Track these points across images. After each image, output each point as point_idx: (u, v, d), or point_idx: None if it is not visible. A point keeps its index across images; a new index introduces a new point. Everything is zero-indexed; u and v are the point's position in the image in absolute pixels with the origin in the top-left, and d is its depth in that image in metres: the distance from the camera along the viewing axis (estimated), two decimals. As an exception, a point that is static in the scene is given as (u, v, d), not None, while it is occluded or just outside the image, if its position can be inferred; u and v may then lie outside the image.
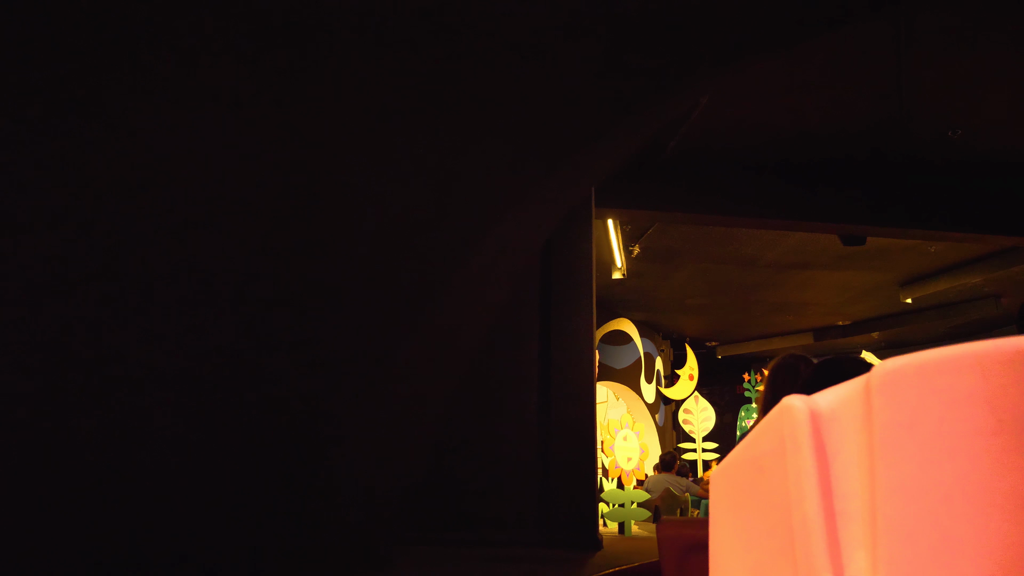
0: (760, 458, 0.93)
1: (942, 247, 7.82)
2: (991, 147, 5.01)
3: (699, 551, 1.79)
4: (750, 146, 5.09)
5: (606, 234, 7.42)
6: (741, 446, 1.02)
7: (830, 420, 0.82)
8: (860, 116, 4.73)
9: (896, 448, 0.75)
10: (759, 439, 0.95)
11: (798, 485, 0.81)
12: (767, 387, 2.56)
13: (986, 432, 0.71)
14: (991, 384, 0.72)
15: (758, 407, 3.07)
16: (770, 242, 7.75)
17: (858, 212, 5.40)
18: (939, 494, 0.73)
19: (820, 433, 0.82)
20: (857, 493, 0.79)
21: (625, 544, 3.84)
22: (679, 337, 12.94)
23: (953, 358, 0.76)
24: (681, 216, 5.45)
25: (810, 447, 0.82)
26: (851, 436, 0.80)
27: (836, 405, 0.83)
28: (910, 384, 0.77)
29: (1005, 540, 0.68)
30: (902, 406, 0.77)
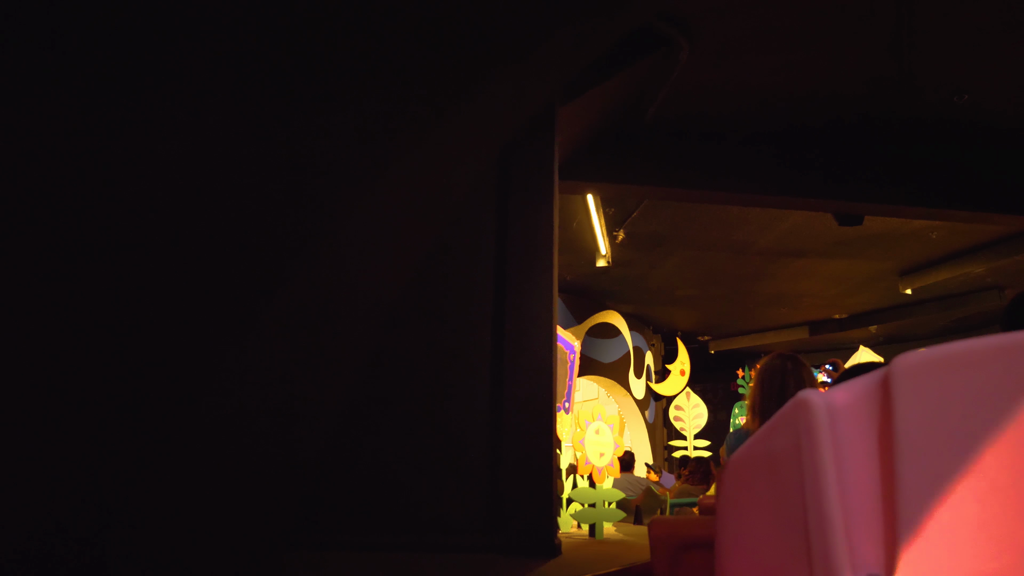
0: (774, 454, 0.92)
1: (944, 233, 7.41)
2: (1002, 114, 4.58)
3: (692, 550, 1.80)
4: (735, 113, 4.67)
5: (588, 219, 7.00)
6: (751, 442, 1.01)
7: (847, 415, 0.82)
8: (855, 79, 4.30)
9: (918, 443, 0.76)
10: (772, 434, 0.94)
11: (815, 481, 0.81)
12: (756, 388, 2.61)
13: (1011, 426, 0.72)
14: (1016, 376, 0.73)
15: (748, 405, 2.81)
16: (762, 227, 7.33)
17: (854, 188, 4.97)
18: (963, 489, 0.73)
19: (837, 428, 0.82)
20: (876, 489, 0.79)
21: (591, 549, 3.41)
22: (670, 331, 12.52)
23: (977, 350, 0.77)
24: (662, 191, 5.02)
25: (828, 442, 0.81)
26: (869, 431, 0.81)
27: (853, 399, 0.83)
28: (933, 377, 0.77)
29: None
30: (924, 400, 0.77)
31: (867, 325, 10.95)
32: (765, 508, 0.94)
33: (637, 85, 4.28)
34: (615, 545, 3.76)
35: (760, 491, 0.97)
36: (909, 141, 4.87)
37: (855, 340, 11.76)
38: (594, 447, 4.22)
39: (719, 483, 1.10)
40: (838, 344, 12.49)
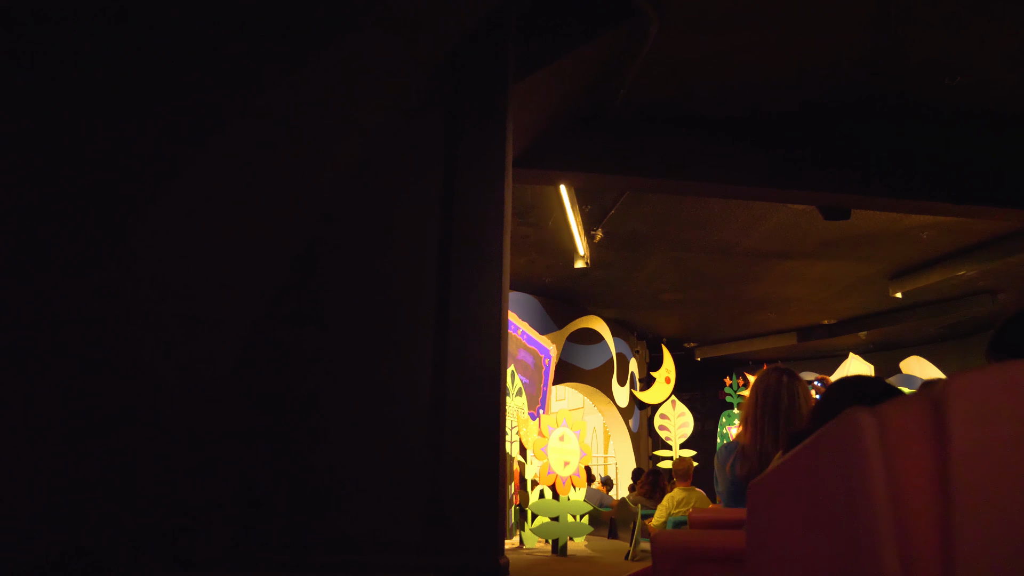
0: (818, 471, 0.91)
1: (935, 233, 7.12)
2: (999, 98, 4.28)
3: (696, 563, 1.74)
4: (712, 97, 4.35)
5: (564, 216, 6.68)
6: (791, 457, 0.98)
7: (897, 434, 0.81)
8: (839, 59, 3.99)
9: (975, 462, 0.75)
10: (817, 451, 0.93)
11: (866, 501, 0.80)
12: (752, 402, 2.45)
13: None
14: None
15: (741, 417, 2.66)
16: (746, 226, 7.03)
17: (840, 178, 4.65)
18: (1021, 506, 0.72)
19: (887, 447, 0.81)
20: (929, 507, 0.78)
21: (546, 569, 3.05)
22: (655, 337, 12.20)
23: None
24: (635, 181, 4.69)
25: (879, 462, 0.80)
26: (921, 451, 0.80)
27: (900, 418, 0.82)
28: (988, 399, 0.78)
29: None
30: (980, 421, 0.77)
31: (857, 331, 10.65)
32: (806, 525, 0.92)
33: (604, 63, 3.96)
34: (577, 563, 3.41)
35: (801, 508, 0.95)
36: (898, 127, 4.56)
37: (844, 347, 11.45)
38: (558, 455, 3.88)
39: (749, 495, 1.06)
40: (827, 351, 12.18)
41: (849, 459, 0.82)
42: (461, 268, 3.01)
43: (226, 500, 2.44)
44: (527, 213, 6.77)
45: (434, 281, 2.98)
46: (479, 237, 3.07)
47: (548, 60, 3.45)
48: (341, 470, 2.71)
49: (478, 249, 3.06)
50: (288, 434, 2.65)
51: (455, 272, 2.99)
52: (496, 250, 3.06)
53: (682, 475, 6.52)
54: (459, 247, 3.02)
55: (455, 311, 2.95)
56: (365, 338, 2.87)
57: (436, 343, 2.92)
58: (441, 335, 2.93)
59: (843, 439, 0.84)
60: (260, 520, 2.52)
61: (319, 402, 2.72)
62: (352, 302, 2.81)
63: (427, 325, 2.95)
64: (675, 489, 6.37)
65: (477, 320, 2.97)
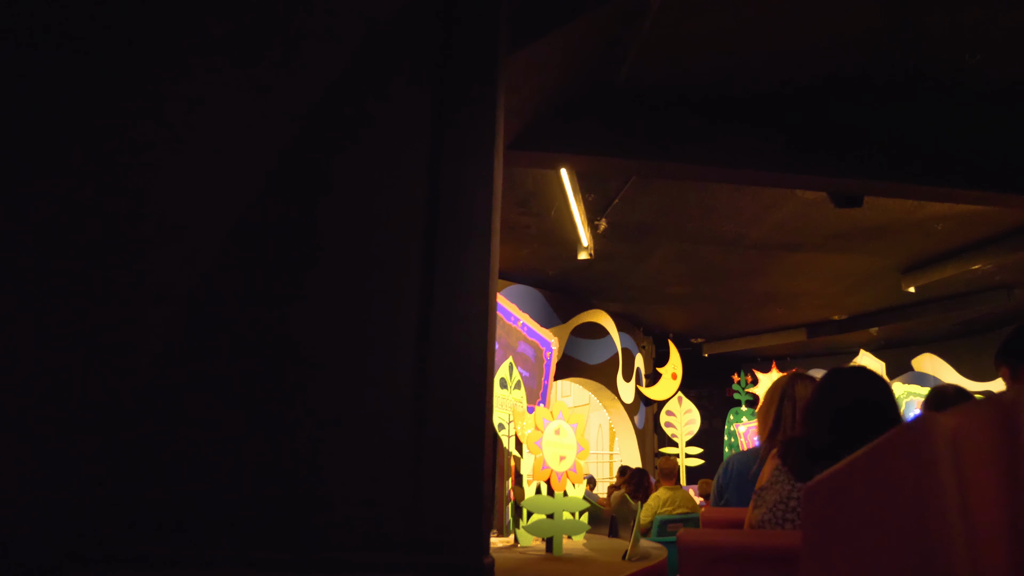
0: (886, 475, 0.91)
1: (951, 225, 6.89)
2: (1022, 78, 4.06)
3: (724, 562, 1.73)
4: (718, 75, 4.15)
5: (567, 205, 6.49)
6: (854, 461, 0.98)
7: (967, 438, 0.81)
8: (852, 33, 3.78)
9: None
10: (884, 455, 0.93)
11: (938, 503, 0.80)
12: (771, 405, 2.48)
13: None
14: None
15: (759, 420, 2.64)
16: (754, 217, 6.82)
17: (852, 163, 4.44)
18: None
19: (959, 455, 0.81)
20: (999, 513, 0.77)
21: (533, 569, 2.87)
22: (661, 333, 12.00)
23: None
24: (637, 164, 4.50)
25: (951, 469, 0.80)
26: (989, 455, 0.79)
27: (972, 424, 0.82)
28: None
29: None
30: None
31: (868, 327, 10.41)
32: (871, 528, 0.93)
33: (603, 39, 3.77)
34: (570, 563, 3.22)
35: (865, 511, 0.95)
36: (915, 109, 4.34)
37: (855, 344, 11.23)
38: (553, 450, 3.69)
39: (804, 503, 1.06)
40: (837, 347, 11.95)
41: (921, 463, 0.82)
42: (447, 248, 2.83)
43: (191, 494, 2.27)
44: (528, 202, 6.59)
45: (418, 261, 2.80)
46: (467, 216, 2.88)
47: (543, 32, 3.27)
48: (315, 462, 2.54)
49: (465, 228, 2.88)
50: (259, 423, 2.48)
51: (440, 252, 2.81)
52: (484, 229, 2.87)
53: (667, 474, 6.59)
54: (445, 225, 2.84)
55: (440, 294, 2.77)
56: (343, 323, 2.69)
57: (419, 330, 2.75)
58: (424, 321, 2.75)
59: (915, 443, 0.84)
60: (226, 515, 2.35)
61: (293, 390, 2.55)
62: (330, 285, 2.63)
63: (410, 310, 2.77)
64: (660, 488, 6.42)
65: (463, 305, 2.79)
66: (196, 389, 2.42)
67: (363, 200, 2.85)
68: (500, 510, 5.18)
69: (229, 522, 2.42)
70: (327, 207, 2.82)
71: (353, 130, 2.86)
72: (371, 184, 2.87)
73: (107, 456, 2.36)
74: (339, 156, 2.81)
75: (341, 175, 2.75)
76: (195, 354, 2.35)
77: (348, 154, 2.83)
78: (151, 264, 2.18)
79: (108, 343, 2.23)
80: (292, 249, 2.56)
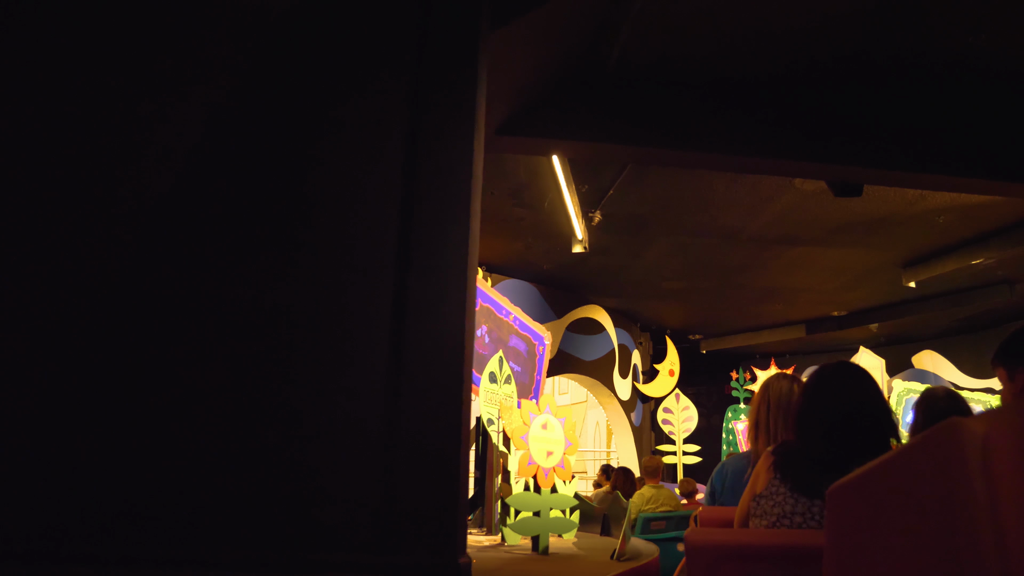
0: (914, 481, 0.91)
1: (952, 217, 6.75)
2: (1023, 58, 3.92)
3: (731, 561, 1.72)
4: (712, 58, 4.00)
5: (560, 197, 6.35)
6: (881, 464, 1.00)
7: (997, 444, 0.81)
8: (848, 11, 3.64)
9: None
10: (912, 461, 0.93)
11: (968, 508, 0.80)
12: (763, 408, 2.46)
13: None
14: None
15: (750, 422, 2.60)
16: (751, 209, 6.68)
17: (850, 149, 4.30)
18: None
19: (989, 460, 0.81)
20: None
21: (515, 570, 2.73)
22: (659, 329, 11.86)
23: None
24: (632, 151, 4.36)
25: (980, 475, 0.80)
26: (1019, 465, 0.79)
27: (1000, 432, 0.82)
28: None
29: None
30: None
31: (867, 323, 10.27)
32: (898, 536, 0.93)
33: (593, 17, 3.62)
34: (555, 562, 3.08)
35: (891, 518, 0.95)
36: (916, 92, 4.20)
37: (855, 341, 11.09)
38: (540, 445, 3.55)
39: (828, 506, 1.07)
40: (837, 344, 11.82)
41: (950, 469, 0.83)
42: (423, 230, 2.68)
43: (155, 493, 2.13)
44: (521, 193, 6.45)
45: (393, 245, 2.66)
46: (444, 198, 2.74)
47: (528, 7, 3.12)
48: (282, 457, 2.39)
49: (443, 211, 2.73)
50: (224, 419, 2.34)
51: (416, 235, 2.66)
52: (463, 212, 2.73)
53: (651, 473, 6.68)
54: (421, 207, 2.70)
55: (415, 281, 2.62)
56: (313, 313, 2.55)
57: (394, 318, 2.60)
58: (399, 310, 2.61)
59: (944, 449, 0.85)
60: (190, 514, 2.21)
61: (259, 383, 2.41)
62: (300, 271, 2.49)
63: (384, 298, 2.63)
64: (644, 487, 6.50)
65: (439, 292, 2.65)
66: (159, 385, 2.29)
67: (337, 181, 2.71)
68: (489, 508, 5.05)
69: (192, 521, 2.28)
70: (299, 189, 2.68)
71: (328, 109, 2.72)
72: (345, 166, 2.73)
73: (70, 455, 2.23)
74: (313, 135, 2.67)
75: (314, 156, 2.61)
76: (157, 346, 2.22)
77: (322, 133, 2.69)
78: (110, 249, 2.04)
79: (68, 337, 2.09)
80: (260, 237, 2.42)
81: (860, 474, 1.04)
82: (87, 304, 2.23)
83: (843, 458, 1.73)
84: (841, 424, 1.79)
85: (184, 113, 2.46)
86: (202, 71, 2.51)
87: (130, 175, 2.05)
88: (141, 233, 2.23)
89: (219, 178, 2.55)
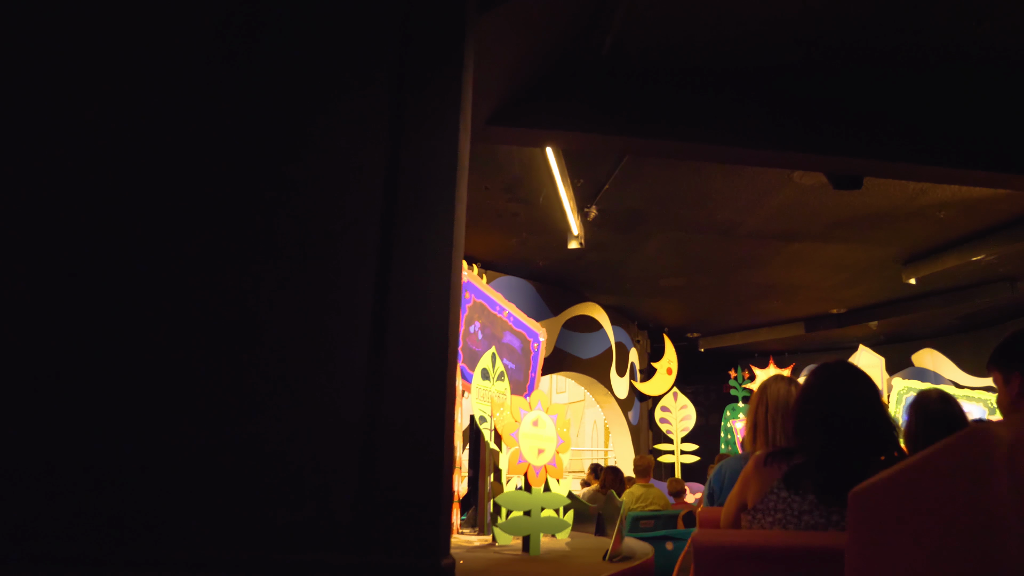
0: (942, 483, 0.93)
1: (954, 212, 6.65)
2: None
3: (739, 561, 1.72)
4: (707, 45, 3.90)
5: (555, 191, 6.25)
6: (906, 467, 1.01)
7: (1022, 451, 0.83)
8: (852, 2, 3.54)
9: None
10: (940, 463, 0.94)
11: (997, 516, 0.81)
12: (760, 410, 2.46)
13: None
14: None
15: (748, 424, 2.57)
16: (749, 204, 6.58)
17: (849, 140, 4.20)
18: None
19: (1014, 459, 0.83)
20: None
21: (506, 570, 2.64)
22: (656, 326, 11.76)
23: None
24: (626, 142, 4.26)
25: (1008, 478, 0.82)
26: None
27: None
28: None
29: None
30: None
31: (867, 320, 10.17)
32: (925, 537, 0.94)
33: (584, 2, 3.52)
34: (545, 564, 2.99)
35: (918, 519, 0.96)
36: (917, 82, 4.10)
37: (854, 339, 10.99)
38: (530, 442, 3.45)
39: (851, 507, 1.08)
40: (836, 342, 11.72)
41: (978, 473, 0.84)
42: (407, 216, 2.58)
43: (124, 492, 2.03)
44: (515, 188, 6.35)
45: (376, 231, 2.56)
46: (429, 185, 2.63)
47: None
48: (256, 450, 2.29)
49: (427, 199, 2.63)
50: (191, 406, 2.24)
51: (399, 222, 2.56)
52: (447, 199, 2.63)
53: (641, 472, 6.69)
54: (405, 194, 2.59)
55: (398, 268, 2.52)
56: (290, 302, 2.44)
57: (375, 307, 2.50)
58: (381, 295, 2.50)
59: (972, 453, 0.86)
60: (163, 513, 2.11)
61: (234, 369, 2.30)
62: (277, 258, 2.39)
63: (366, 285, 2.53)
64: (634, 485, 6.50)
65: (423, 279, 2.54)
66: (123, 374, 2.19)
67: (320, 165, 2.60)
68: (482, 507, 4.94)
69: (165, 519, 2.18)
70: (281, 175, 2.58)
71: (311, 93, 2.62)
72: (328, 150, 2.63)
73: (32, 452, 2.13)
74: (297, 118, 2.57)
75: (297, 140, 2.51)
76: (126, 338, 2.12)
77: (306, 118, 2.59)
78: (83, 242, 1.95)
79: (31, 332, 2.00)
80: (237, 225, 2.33)
81: (885, 477, 1.05)
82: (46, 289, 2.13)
83: (844, 459, 1.73)
84: (840, 424, 1.78)
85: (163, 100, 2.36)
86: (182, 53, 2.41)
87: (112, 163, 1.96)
88: (117, 217, 2.14)
89: (200, 164, 2.45)
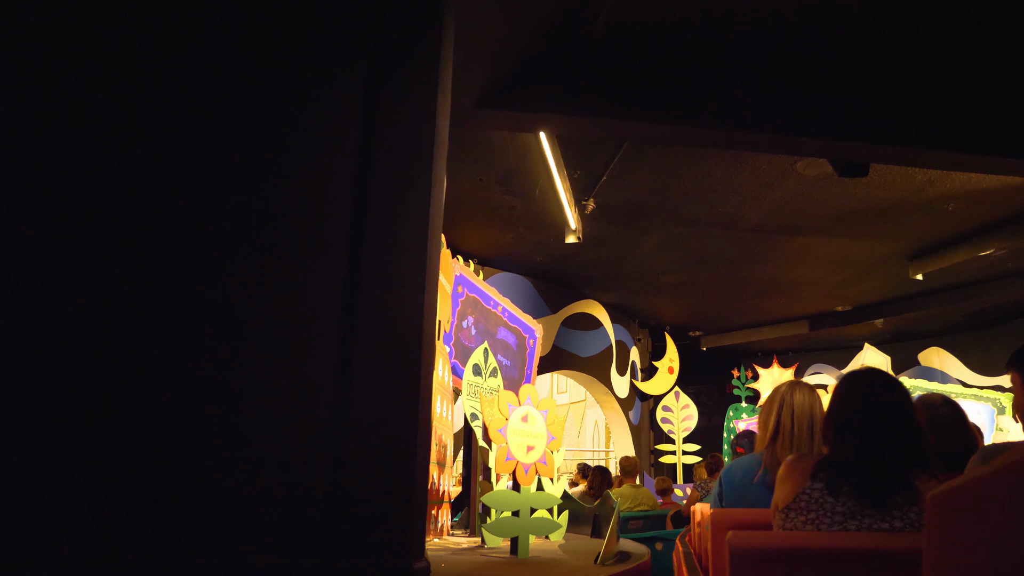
0: None
1: (963, 205, 6.45)
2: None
3: (775, 563, 1.76)
4: (702, 24, 3.72)
5: (551, 183, 6.07)
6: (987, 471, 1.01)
7: None
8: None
9: None
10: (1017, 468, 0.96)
11: None
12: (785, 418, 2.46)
13: None
14: None
15: (760, 428, 2.56)
16: (751, 196, 6.39)
17: (855, 124, 4.02)
18: None
19: None
20: None
21: (489, 574, 2.46)
22: (658, 325, 11.57)
23: None
24: (621, 126, 4.08)
25: None
26: None
27: None
28: None
29: None
30: None
31: (872, 318, 9.97)
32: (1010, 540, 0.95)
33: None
34: (532, 567, 2.81)
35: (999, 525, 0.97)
36: (925, 62, 3.92)
37: (859, 336, 10.79)
38: (519, 439, 3.27)
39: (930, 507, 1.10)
40: (840, 341, 11.51)
41: None
42: (381, 195, 2.41)
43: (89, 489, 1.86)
44: (510, 180, 6.17)
45: (347, 214, 2.39)
46: (405, 162, 2.46)
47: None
48: (213, 448, 2.11)
49: (403, 175, 2.46)
50: (150, 397, 2.06)
51: (373, 200, 2.39)
52: (424, 177, 2.45)
53: (629, 472, 6.65)
54: (380, 171, 2.42)
55: (370, 250, 2.35)
56: (256, 287, 2.27)
57: (346, 295, 2.32)
58: (352, 279, 2.33)
59: None
60: (128, 513, 1.94)
61: (192, 359, 2.13)
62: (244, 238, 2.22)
63: (336, 271, 2.35)
64: (624, 486, 6.42)
65: (396, 264, 2.37)
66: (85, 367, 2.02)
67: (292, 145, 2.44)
68: (472, 507, 4.77)
69: (126, 519, 2.01)
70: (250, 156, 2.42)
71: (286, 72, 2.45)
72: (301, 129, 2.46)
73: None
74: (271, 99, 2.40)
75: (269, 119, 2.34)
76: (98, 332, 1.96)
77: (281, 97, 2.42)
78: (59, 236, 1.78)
79: None
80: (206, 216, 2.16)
81: (968, 480, 1.05)
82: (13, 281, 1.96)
83: (885, 464, 1.79)
84: (880, 430, 1.84)
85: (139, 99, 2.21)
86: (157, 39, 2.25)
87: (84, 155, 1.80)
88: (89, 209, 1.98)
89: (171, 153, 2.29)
